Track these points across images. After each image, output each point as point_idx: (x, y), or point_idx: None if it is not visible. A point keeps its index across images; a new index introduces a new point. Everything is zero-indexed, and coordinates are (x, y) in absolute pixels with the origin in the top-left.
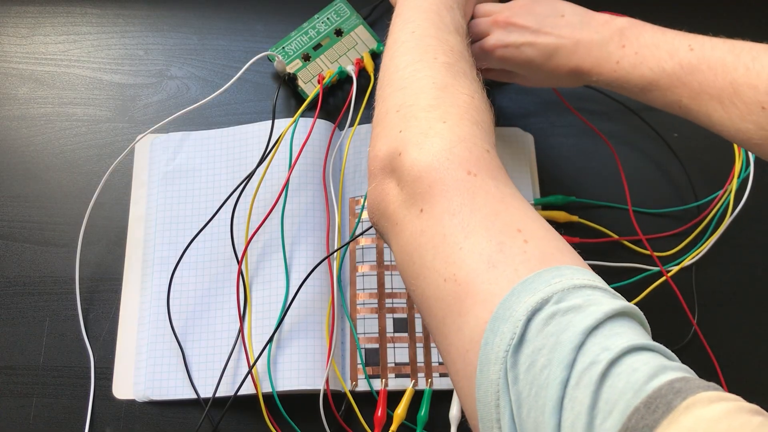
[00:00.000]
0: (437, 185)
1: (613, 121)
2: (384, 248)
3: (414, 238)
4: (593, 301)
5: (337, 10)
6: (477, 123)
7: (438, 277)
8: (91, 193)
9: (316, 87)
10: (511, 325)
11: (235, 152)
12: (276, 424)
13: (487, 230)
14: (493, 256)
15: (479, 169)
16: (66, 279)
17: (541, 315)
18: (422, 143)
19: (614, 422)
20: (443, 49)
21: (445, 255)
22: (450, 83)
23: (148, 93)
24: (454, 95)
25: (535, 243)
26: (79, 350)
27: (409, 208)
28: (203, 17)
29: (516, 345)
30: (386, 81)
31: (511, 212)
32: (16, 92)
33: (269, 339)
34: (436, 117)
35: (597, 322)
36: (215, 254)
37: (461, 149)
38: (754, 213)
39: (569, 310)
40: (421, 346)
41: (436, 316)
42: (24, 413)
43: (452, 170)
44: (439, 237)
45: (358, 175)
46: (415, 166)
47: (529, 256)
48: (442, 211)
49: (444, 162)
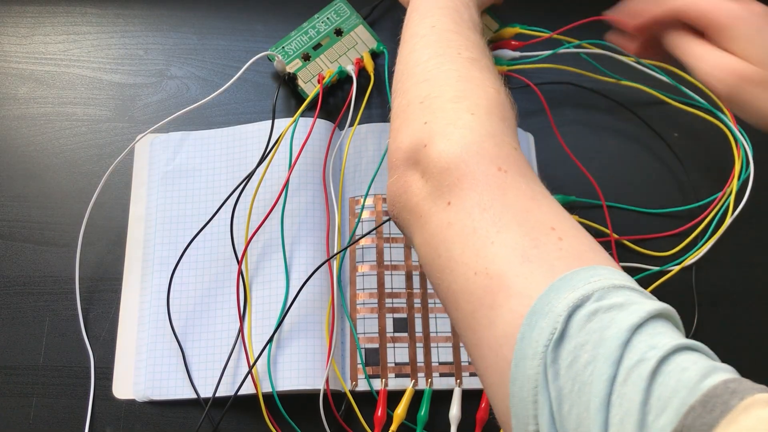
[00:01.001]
0: (467, 178)
1: (613, 121)
2: (384, 248)
3: (440, 230)
4: (634, 300)
5: (337, 9)
6: (504, 119)
7: (467, 270)
8: (91, 192)
9: (316, 87)
10: (551, 320)
11: (235, 152)
12: (276, 424)
13: (520, 226)
14: (528, 251)
15: (509, 165)
16: (66, 279)
17: (582, 311)
18: (450, 134)
19: (669, 419)
20: (465, 44)
21: (476, 248)
22: (476, 76)
23: (148, 93)
24: (481, 88)
25: (569, 241)
26: (79, 350)
27: (435, 201)
28: (203, 17)
29: (557, 340)
30: (406, 74)
31: (543, 210)
32: (16, 92)
33: (269, 339)
34: (463, 108)
35: (641, 320)
36: (215, 254)
37: (490, 144)
38: (754, 213)
39: (611, 307)
40: (421, 346)
41: (464, 310)
42: (24, 413)
43: (483, 165)
44: (468, 230)
45: (358, 175)
46: (442, 157)
47: (564, 253)
48: (472, 204)
49: (474, 156)
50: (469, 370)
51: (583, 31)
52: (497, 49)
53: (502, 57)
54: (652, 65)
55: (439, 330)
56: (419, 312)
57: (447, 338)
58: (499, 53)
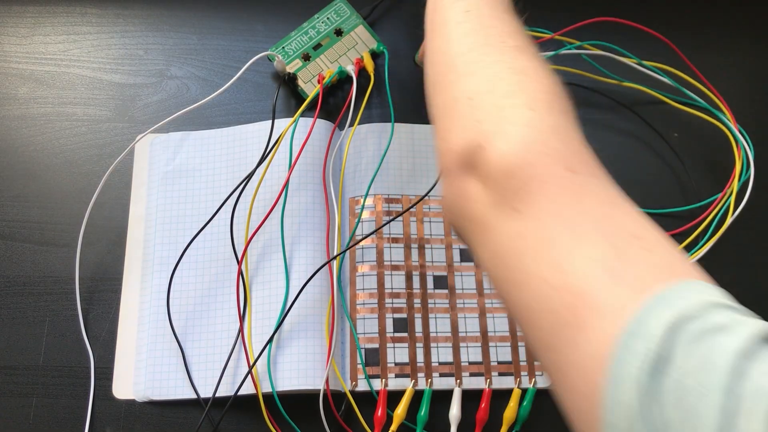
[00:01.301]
0: (535, 182)
1: (613, 121)
2: (384, 248)
3: (510, 241)
4: (737, 320)
5: (337, 9)
6: (565, 112)
7: (544, 285)
8: (91, 193)
9: (316, 87)
10: (648, 342)
11: (235, 152)
12: (276, 424)
13: (602, 235)
14: (613, 263)
15: (579, 165)
16: (66, 279)
17: (684, 333)
18: (509, 133)
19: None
20: (507, 30)
21: (553, 261)
22: (528, 66)
23: (148, 93)
24: (537, 80)
25: (657, 252)
26: (79, 350)
27: (500, 208)
28: (203, 17)
29: (658, 365)
30: (445, 67)
31: (625, 216)
32: (16, 92)
33: (269, 339)
34: (521, 104)
35: (748, 344)
36: (215, 254)
37: (556, 142)
38: (754, 214)
39: (715, 329)
40: (421, 346)
41: (541, 328)
42: (24, 413)
43: (550, 165)
44: (543, 241)
45: (358, 175)
46: (504, 159)
47: (653, 265)
48: (543, 212)
49: (539, 156)
50: (469, 370)
51: (584, 32)
52: None
53: None
54: (652, 66)
55: (439, 330)
56: (419, 312)
57: (447, 338)
58: None
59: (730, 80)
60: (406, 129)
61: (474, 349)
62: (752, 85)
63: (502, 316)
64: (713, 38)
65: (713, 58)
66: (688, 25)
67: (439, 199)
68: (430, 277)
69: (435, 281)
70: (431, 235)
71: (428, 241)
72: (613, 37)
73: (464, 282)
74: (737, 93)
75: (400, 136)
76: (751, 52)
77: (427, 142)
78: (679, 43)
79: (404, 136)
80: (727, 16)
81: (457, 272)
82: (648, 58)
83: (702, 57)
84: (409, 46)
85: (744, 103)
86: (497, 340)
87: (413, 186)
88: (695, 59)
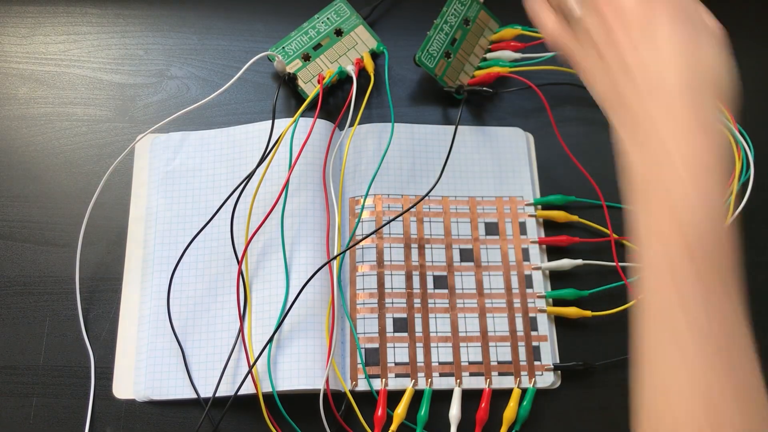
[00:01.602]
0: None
1: None
2: (384, 248)
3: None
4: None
5: (337, 10)
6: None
7: None
8: (91, 193)
9: (316, 87)
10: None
11: (235, 152)
12: (276, 423)
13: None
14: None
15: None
16: (66, 279)
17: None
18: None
19: None
20: (752, 367)
21: None
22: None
23: (148, 93)
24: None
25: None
26: (79, 350)
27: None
28: (203, 17)
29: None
30: (671, 397)
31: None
32: (16, 92)
33: (269, 339)
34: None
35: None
36: (215, 254)
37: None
38: (755, 214)
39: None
40: (421, 346)
41: None
42: (24, 413)
43: None
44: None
45: (358, 175)
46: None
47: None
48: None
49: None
50: (469, 370)
51: None
52: (498, 50)
53: (503, 58)
54: None
55: (438, 330)
56: (419, 312)
57: (447, 338)
58: (500, 54)
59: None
60: (406, 129)
61: (474, 349)
62: (752, 86)
63: (502, 316)
64: None
65: None
66: None
67: (440, 199)
68: (430, 277)
69: (435, 281)
70: (431, 235)
71: (428, 241)
72: None
73: (464, 282)
74: (737, 94)
75: (400, 136)
76: (750, 53)
77: (427, 142)
78: None
79: (404, 136)
80: (726, 17)
81: (457, 272)
82: None
83: None
84: (409, 46)
85: (744, 104)
86: (497, 340)
87: (413, 186)
88: None
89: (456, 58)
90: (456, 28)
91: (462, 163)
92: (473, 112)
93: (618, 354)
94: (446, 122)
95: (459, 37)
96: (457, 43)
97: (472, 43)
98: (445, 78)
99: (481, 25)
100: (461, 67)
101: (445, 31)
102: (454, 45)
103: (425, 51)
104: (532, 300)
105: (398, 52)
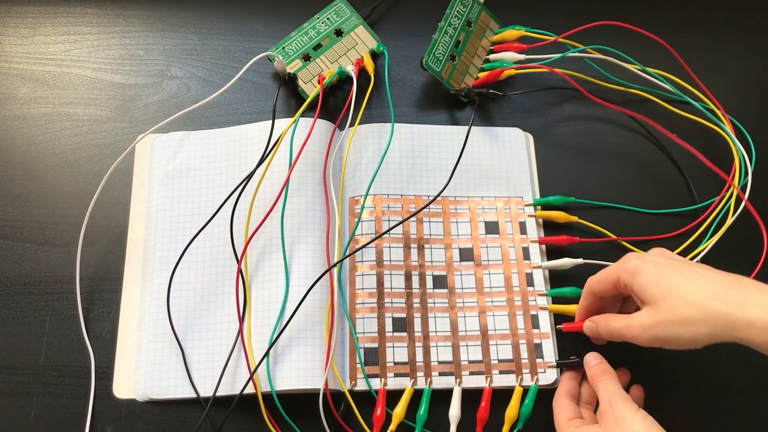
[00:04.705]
0: None
1: (615, 123)
2: (383, 248)
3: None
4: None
5: (337, 10)
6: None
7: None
8: (92, 193)
9: (316, 87)
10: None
11: (235, 152)
12: (276, 423)
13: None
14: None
15: None
16: (66, 279)
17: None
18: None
19: None
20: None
21: None
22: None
23: (149, 93)
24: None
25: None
26: (79, 350)
27: None
28: (203, 17)
29: None
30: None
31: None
32: (16, 92)
33: (270, 345)
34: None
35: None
36: (215, 254)
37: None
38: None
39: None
40: (420, 346)
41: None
42: (24, 413)
43: None
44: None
45: (358, 175)
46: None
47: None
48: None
49: None
50: (469, 369)
51: (586, 35)
52: (501, 52)
53: (506, 59)
54: (653, 72)
55: (438, 329)
56: (418, 312)
57: (446, 338)
58: (503, 56)
59: (730, 81)
60: (406, 129)
61: (474, 348)
62: (752, 86)
63: (502, 314)
64: (713, 42)
65: (713, 58)
66: (689, 29)
67: (439, 199)
68: (430, 276)
69: (434, 281)
70: (431, 235)
71: (428, 241)
72: (615, 40)
73: (464, 281)
74: (737, 94)
75: (400, 136)
76: (750, 56)
77: (427, 142)
78: (679, 46)
79: (404, 136)
80: (726, 20)
81: (456, 272)
82: (649, 61)
83: (702, 60)
84: (409, 46)
85: (744, 105)
86: (498, 338)
87: (413, 186)
88: (695, 62)
89: (461, 61)
90: (459, 30)
91: (462, 163)
92: None
93: (617, 351)
94: (447, 122)
95: (462, 39)
96: (461, 45)
97: (475, 45)
98: (451, 81)
99: (482, 27)
100: (466, 69)
101: (449, 33)
102: (458, 47)
103: (432, 55)
104: (533, 298)
105: (398, 53)
